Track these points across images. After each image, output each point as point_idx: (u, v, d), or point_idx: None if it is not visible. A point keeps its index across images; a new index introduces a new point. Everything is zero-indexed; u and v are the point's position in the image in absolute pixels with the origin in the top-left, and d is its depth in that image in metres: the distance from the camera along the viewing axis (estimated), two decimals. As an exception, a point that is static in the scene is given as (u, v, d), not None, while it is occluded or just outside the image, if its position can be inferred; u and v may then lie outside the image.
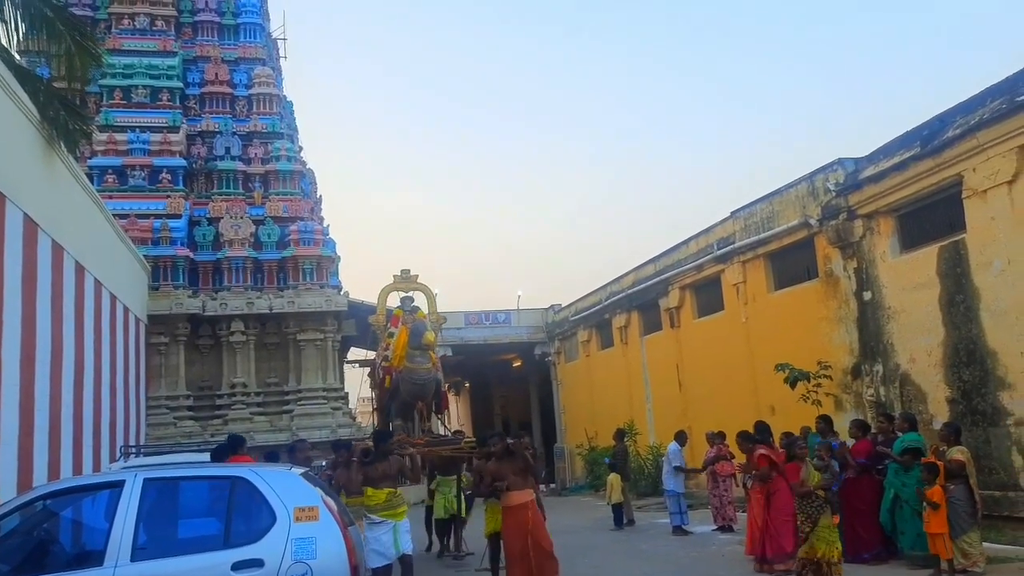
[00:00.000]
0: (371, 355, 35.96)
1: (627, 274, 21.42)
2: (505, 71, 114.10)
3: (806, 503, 8.17)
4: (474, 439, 11.48)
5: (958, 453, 8.56)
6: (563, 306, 26.47)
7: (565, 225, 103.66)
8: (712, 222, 16.99)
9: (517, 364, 30.56)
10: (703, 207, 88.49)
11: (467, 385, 36.88)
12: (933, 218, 11.78)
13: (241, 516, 4.90)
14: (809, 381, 12.79)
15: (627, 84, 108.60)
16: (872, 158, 12.74)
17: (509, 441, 8.35)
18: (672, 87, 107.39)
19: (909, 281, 11.96)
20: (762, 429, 10.47)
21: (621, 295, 21.30)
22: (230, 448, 7.87)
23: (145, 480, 4.85)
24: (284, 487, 5.00)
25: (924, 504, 8.27)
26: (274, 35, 27.41)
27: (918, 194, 11.80)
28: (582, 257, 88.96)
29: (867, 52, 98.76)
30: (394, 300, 12.76)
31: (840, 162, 13.34)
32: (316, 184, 28.01)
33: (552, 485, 25.07)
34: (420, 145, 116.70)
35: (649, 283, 19.63)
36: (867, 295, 12.80)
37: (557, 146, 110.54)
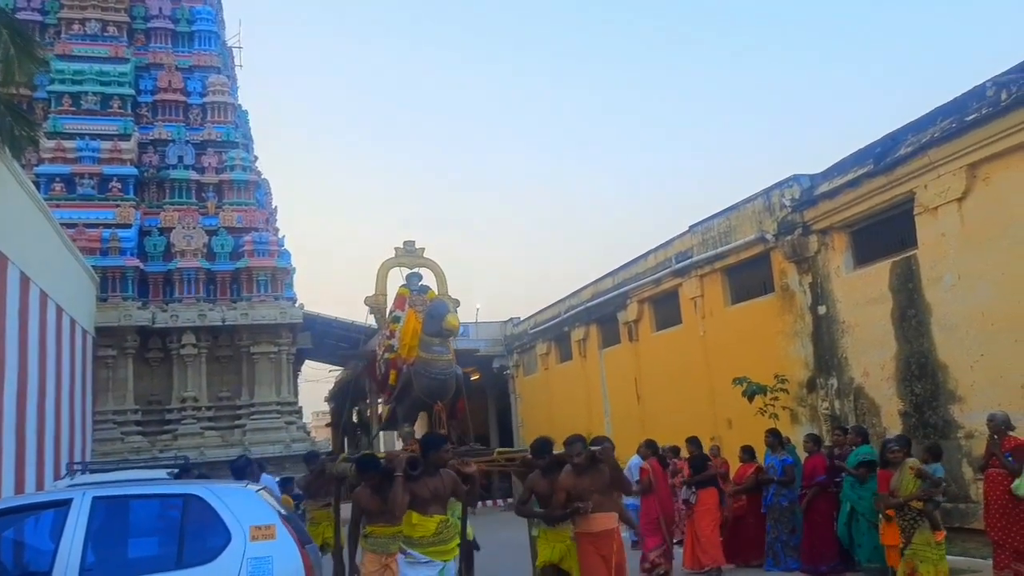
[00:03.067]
0: (335, 370, 35.83)
1: (586, 287, 21.49)
2: (464, 85, 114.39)
3: (900, 517, 7.47)
4: (507, 449, 9.14)
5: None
6: (522, 319, 26.45)
7: (523, 238, 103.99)
8: (670, 236, 17.14)
9: (475, 377, 30.41)
10: (662, 221, 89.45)
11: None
12: (886, 234, 12.01)
13: (194, 535, 4.73)
14: (766, 395, 12.91)
15: (586, 97, 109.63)
16: (827, 175, 12.97)
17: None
18: (633, 102, 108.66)
19: (862, 296, 12.17)
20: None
21: (580, 308, 21.35)
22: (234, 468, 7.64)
23: (94, 499, 4.66)
24: (240, 505, 4.85)
25: (880, 516, 8.36)
26: (229, 43, 27.06)
27: (871, 210, 12.03)
28: (541, 269, 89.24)
29: (823, 68, 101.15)
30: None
31: (796, 178, 13.55)
32: (271, 194, 27.64)
33: (509, 499, 24.92)
34: (377, 157, 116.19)
35: (608, 296, 19.71)
36: (822, 309, 13.00)
37: (515, 160, 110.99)
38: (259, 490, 5.26)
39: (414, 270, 9.60)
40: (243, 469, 8.28)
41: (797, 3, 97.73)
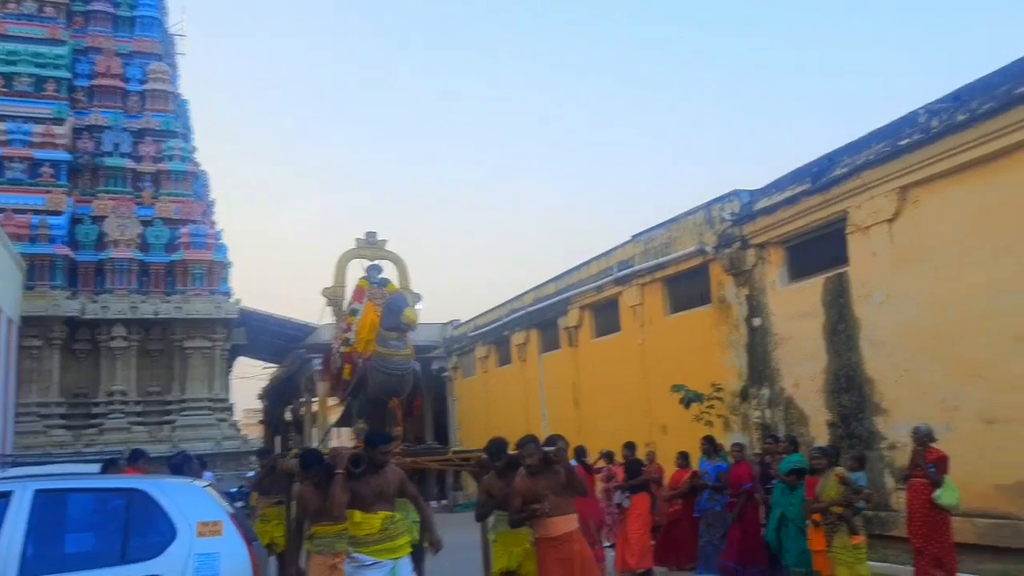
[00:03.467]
0: (269, 367, 35.20)
1: (527, 292, 21.65)
2: (411, 82, 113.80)
3: (824, 521, 7.71)
4: (462, 449, 8.93)
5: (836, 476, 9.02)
6: (462, 322, 26.48)
7: (464, 242, 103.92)
8: (613, 245, 17.41)
9: (412, 379, 30.26)
10: (605, 230, 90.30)
11: (335, 398, 36.30)
12: (819, 251, 12.43)
13: (139, 530, 4.64)
14: (703, 402, 13.23)
15: (530, 104, 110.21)
16: (765, 191, 13.37)
17: (547, 449, 6.10)
18: (579, 110, 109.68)
19: (796, 310, 12.58)
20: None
21: (521, 313, 21.50)
22: (128, 460, 7.46)
23: (36, 491, 4.54)
24: (186, 500, 4.79)
25: (808, 522, 8.67)
26: (172, 31, 26.47)
27: (806, 227, 12.44)
28: (481, 273, 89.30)
29: (768, 83, 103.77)
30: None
31: (736, 193, 13.93)
32: (209, 187, 27.12)
33: (444, 501, 24.92)
34: (321, 152, 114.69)
35: (549, 302, 19.90)
36: (756, 321, 13.38)
37: (458, 161, 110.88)
38: (206, 486, 5.21)
39: (374, 262, 9.25)
40: (181, 466, 8.03)
41: (744, 18, 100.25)
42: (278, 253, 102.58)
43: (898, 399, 10.76)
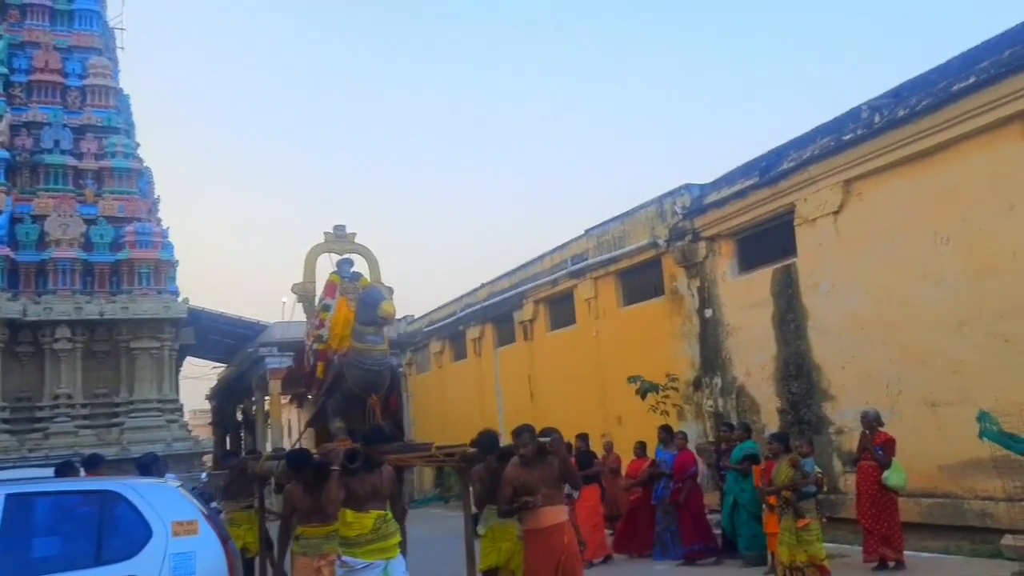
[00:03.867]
0: (218, 367, 34.60)
1: (482, 287, 21.75)
2: (357, 76, 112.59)
3: (777, 504, 8.08)
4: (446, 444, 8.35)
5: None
6: (416, 317, 26.46)
7: (416, 237, 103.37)
8: (567, 239, 17.62)
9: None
10: (558, 224, 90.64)
11: (309, 397, 36.01)
12: (768, 243, 12.80)
13: (114, 531, 4.64)
14: (659, 393, 13.51)
15: (483, 97, 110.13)
16: (716, 185, 13.70)
17: (542, 440, 5.93)
18: (525, 109, 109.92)
19: (746, 300, 12.93)
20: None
21: (476, 307, 21.59)
22: (87, 466, 7.35)
23: (7, 495, 4.49)
24: (160, 500, 4.79)
25: (764, 506, 8.95)
26: (112, 24, 25.80)
27: (755, 220, 12.80)
28: (434, 269, 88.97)
29: (716, 78, 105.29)
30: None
31: (687, 187, 14.24)
32: (153, 183, 26.54)
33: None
34: (266, 148, 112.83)
35: (504, 296, 20.03)
36: (708, 312, 13.71)
37: (410, 158, 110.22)
38: (179, 485, 5.21)
39: (345, 256, 9.05)
40: (148, 467, 7.90)
41: (693, 11, 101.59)
42: (225, 250, 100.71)
43: (844, 385, 11.15)
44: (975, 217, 9.44)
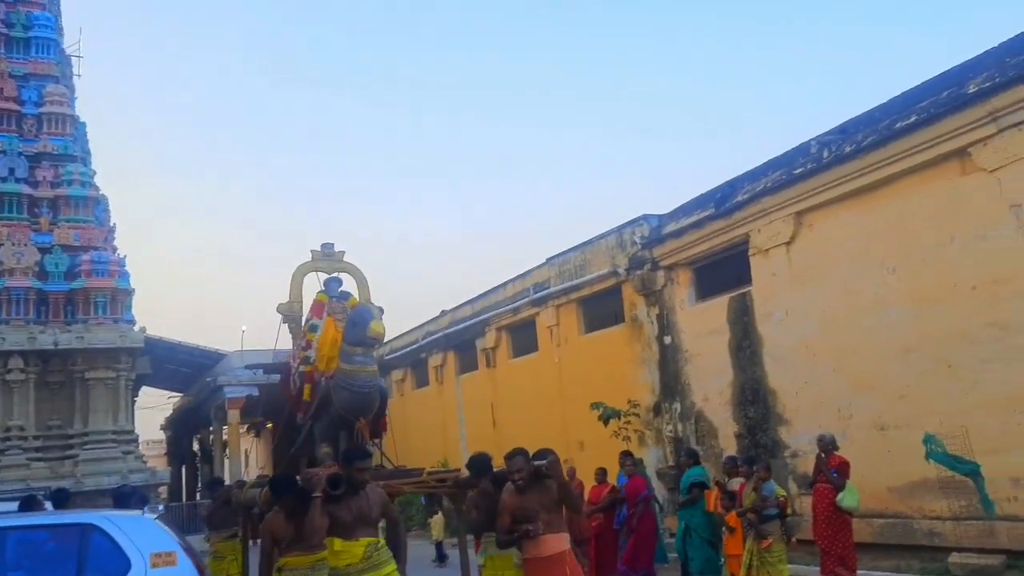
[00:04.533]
0: (174, 397, 34.04)
1: (444, 314, 21.88)
2: (315, 102, 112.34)
3: (744, 527, 8.35)
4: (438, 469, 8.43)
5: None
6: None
7: (378, 264, 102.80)
8: (528, 267, 17.87)
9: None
10: (519, 253, 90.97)
11: (269, 426, 35.58)
12: (724, 272, 13.18)
13: (93, 564, 4.68)
14: (620, 419, 13.74)
15: (446, 123, 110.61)
16: (673, 215, 14.09)
17: (538, 463, 5.51)
18: (484, 136, 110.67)
19: (704, 327, 13.28)
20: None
21: (438, 335, 21.69)
22: (54, 501, 7.31)
23: (-13, 530, 4.54)
24: (139, 532, 4.85)
25: (724, 529, 9.18)
26: (69, 52, 25.61)
27: (712, 250, 13.18)
28: (396, 297, 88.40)
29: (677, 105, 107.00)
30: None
31: (645, 217, 14.61)
32: (110, 211, 26.27)
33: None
34: (223, 175, 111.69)
35: (466, 324, 20.18)
36: (667, 339, 14.03)
37: (371, 185, 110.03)
38: (156, 517, 5.26)
39: (332, 275, 8.66)
40: (127, 498, 7.68)
41: (655, 41, 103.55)
42: (183, 278, 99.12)
43: (798, 410, 11.51)
44: (919, 248, 9.89)
